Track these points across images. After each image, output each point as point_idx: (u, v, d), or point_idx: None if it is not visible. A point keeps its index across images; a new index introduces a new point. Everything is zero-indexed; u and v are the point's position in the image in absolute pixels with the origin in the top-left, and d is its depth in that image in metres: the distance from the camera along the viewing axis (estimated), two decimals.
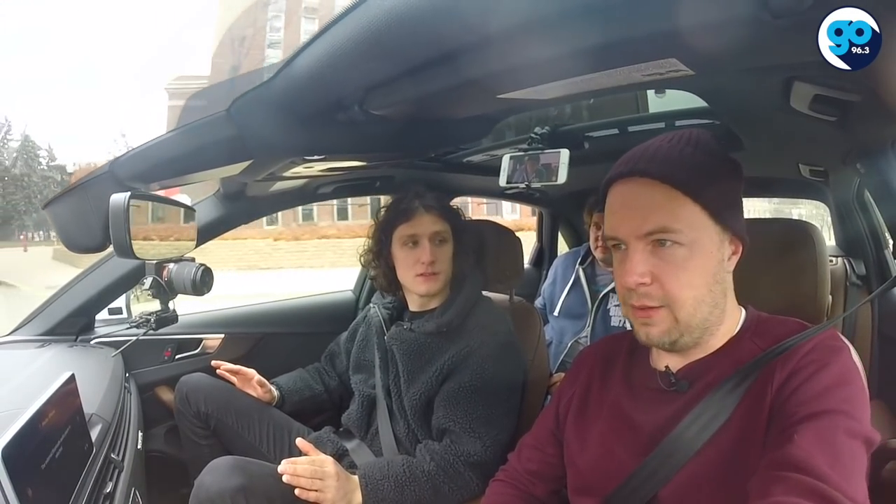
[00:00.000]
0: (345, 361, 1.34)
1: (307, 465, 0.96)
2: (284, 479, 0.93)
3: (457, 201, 1.49)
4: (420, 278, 1.12)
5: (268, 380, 1.30)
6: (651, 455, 0.62)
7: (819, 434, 0.51)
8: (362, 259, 1.23)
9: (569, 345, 1.60)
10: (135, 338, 1.18)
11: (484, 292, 1.23)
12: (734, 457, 0.57)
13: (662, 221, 0.59)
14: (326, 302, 1.85)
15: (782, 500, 0.47)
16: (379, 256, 1.18)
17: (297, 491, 0.94)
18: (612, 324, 1.54)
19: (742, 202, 0.66)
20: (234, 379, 1.26)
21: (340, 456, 1.14)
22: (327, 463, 0.98)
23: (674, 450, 0.60)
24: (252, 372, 1.26)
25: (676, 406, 0.62)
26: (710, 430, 0.59)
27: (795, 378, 0.56)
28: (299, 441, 1.01)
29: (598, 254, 1.61)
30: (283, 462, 0.95)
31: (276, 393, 1.29)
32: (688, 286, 0.60)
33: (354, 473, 1.01)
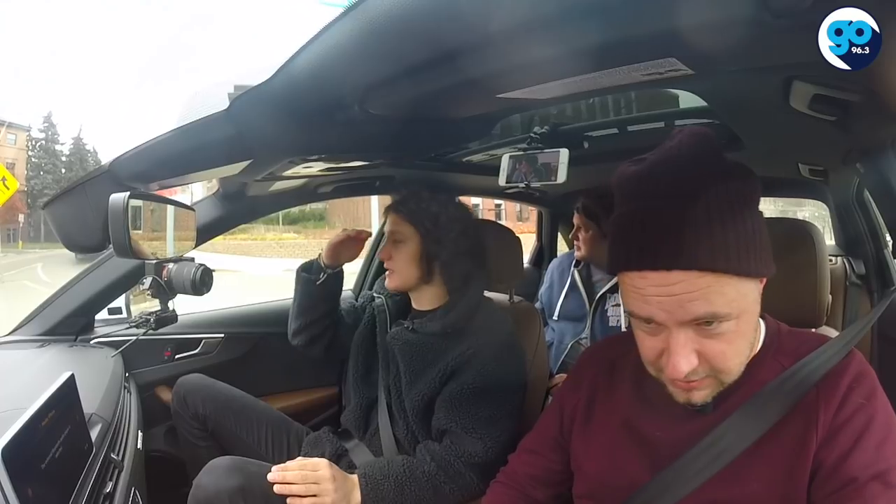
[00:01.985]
0: (348, 322, 1.29)
1: (298, 471, 0.93)
2: (276, 489, 0.91)
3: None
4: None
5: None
6: (665, 471, 0.61)
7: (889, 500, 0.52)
8: None
9: (569, 345, 1.60)
10: (135, 338, 1.18)
11: (485, 293, 1.22)
12: (763, 486, 0.56)
13: (710, 309, 0.54)
14: None
15: None
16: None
17: (288, 500, 0.91)
18: (611, 324, 1.55)
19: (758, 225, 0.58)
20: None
21: (339, 456, 1.13)
22: (320, 465, 0.96)
23: (690, 469, 0.59)
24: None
25: (697, 425, 0.61)
26: (732, 455, 0.57)
27: (846, 432, 0.55)
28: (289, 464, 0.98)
29: (578, 254, 1.64)
30: (273, 470, 0.93)
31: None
32: (736, 355, 0.58)
33: (353, 473, 1.00)
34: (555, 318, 1.69)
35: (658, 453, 0.62)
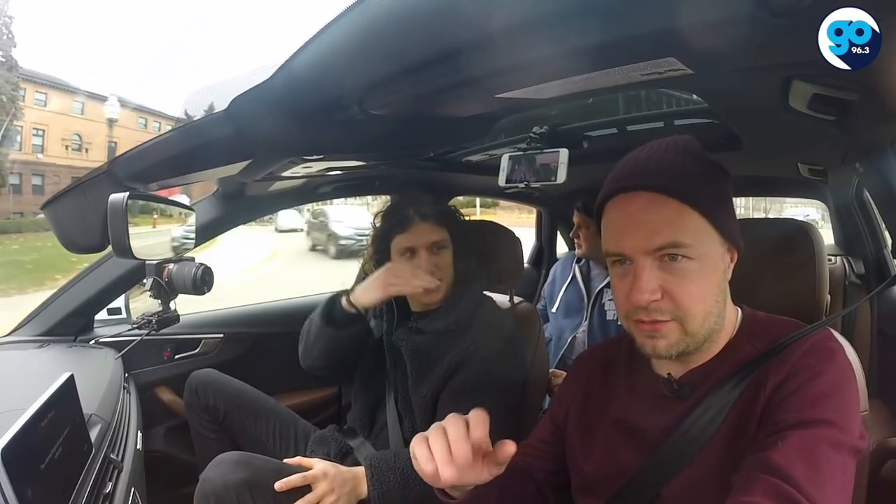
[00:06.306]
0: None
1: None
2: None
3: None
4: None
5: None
6: (654, 456, 0.63)
7: (803, 444, 0.52)
8: (366, 266, 1.21)
9: (568, 340, 1.66)
10: (139, 338, 1.18)
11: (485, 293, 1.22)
12: (728, 455, 0.58)
13: (674, 236, 0.58)
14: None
15: (758, 501, 0.49)
16: (379, 265, 1.14)
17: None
18: (608, 317, 1.60)
19: (734, 208, 0.66)
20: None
21: (344, 455, 1.14)
22: (318, 480, 0.96)
23: (676, 451, 0.61)
24: None
25: (680, 410, 0.63)
26: (710, 431, 0.60)
27: (790, 383, 0.57)
28: (286, 461, 1.00)
29: (578, 251, 1.72)
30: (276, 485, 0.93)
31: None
32: (699, 299, 0.59)
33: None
34: (554, 310, 1.75)
35: (646, 442, 0.65)
